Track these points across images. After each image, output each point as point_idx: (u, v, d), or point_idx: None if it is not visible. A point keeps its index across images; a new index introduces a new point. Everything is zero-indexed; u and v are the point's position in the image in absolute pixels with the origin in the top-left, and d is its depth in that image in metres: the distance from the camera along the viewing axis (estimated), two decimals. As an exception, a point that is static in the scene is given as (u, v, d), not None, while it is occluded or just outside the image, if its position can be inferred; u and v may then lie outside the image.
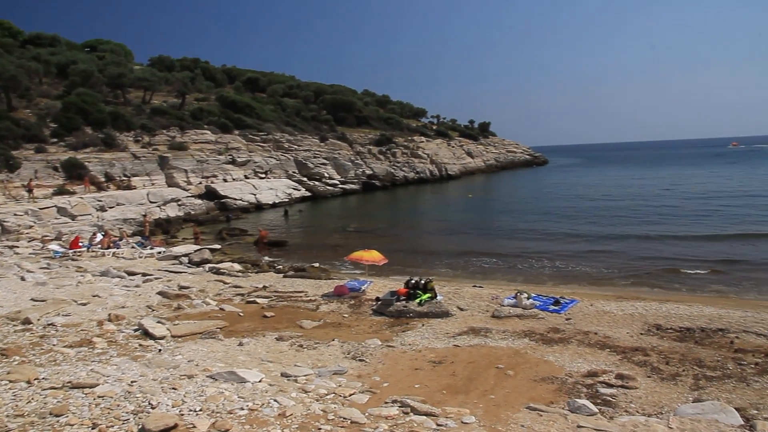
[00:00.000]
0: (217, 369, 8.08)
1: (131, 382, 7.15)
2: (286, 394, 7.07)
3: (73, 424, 5.66)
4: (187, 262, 20.95)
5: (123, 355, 8.89)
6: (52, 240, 24.08)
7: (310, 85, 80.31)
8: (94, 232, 24.82)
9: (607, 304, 14.35)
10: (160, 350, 9.45)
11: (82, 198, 30.46)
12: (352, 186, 56.22)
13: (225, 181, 44.14)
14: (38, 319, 10.95)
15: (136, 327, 10.94)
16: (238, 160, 47.07)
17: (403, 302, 13.90)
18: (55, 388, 6.71)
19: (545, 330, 12.00)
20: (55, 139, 36.82)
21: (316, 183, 52.46)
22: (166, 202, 36.12)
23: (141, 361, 8.58)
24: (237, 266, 20.21)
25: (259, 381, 7.60)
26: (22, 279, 15.84)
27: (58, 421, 5.72)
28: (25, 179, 30.63)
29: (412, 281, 14.79)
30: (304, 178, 51.85)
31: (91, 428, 5.62)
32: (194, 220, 34.81)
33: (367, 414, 6.42)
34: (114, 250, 22.63)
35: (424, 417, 6.42)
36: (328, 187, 53.11)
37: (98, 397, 6.43)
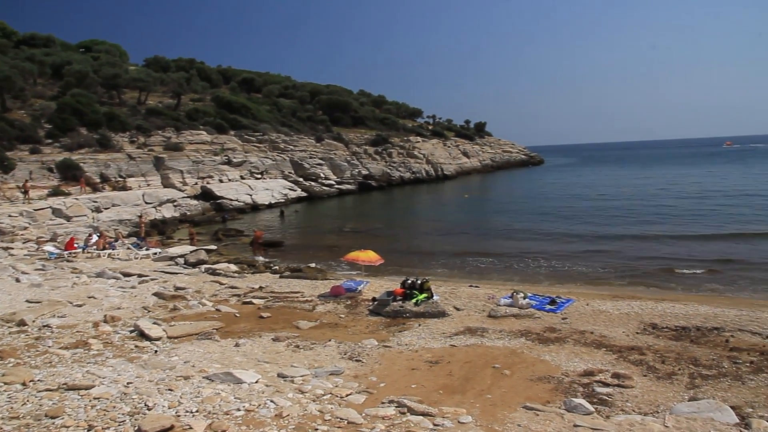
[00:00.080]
0: (213, 370, 8.06)
1: (127, 384, 7.12)
2: (283, 395, 7.06)
3: (68, 426, 5.64)
4: (183, 263, 20.88)
5: (119, 357, 8.86)
6: (47, 241, 23.97)
7: (305, 86, 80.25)
8: (89, 233, 24.74)
9: (603, 303, 14.38)
10: (156, 351, 9.43)
11: (77, 199, 30.37)
12: (348, 186, 56.20)
13: (221, 181, 44.08)
14: (33, 321, 10.90)
15: (132, 328, 10.90)
16: (234, 160, 47.01)
17: (400, 302, 13.91)
18: (51, 390, 6.68)
19: (541, 329, 12.02)
20: (50, 140, 36.72)
21: (312, 183, 52.41)
22: (161, 202, 36.04)
23: (137, 362, 8.56)
24: (233, 267, 20.17)
25: (256, 382, 7.59)
26: (17, 280, 15.76)
27: (53, 423, 5.69)
28: (20, 180, 30.52)
29: (409, 281, 14.79)
30: (300, 179, 51.80)
31: (87, 430, 5.59)
32: (190, 221, 34.74)
33: (363, 414, 6.42)
34: (109, 251, 22.55)
35: (421, 417, 6.42)
36: (324, 188, 53.07)
37: (94, 399, 6.41)
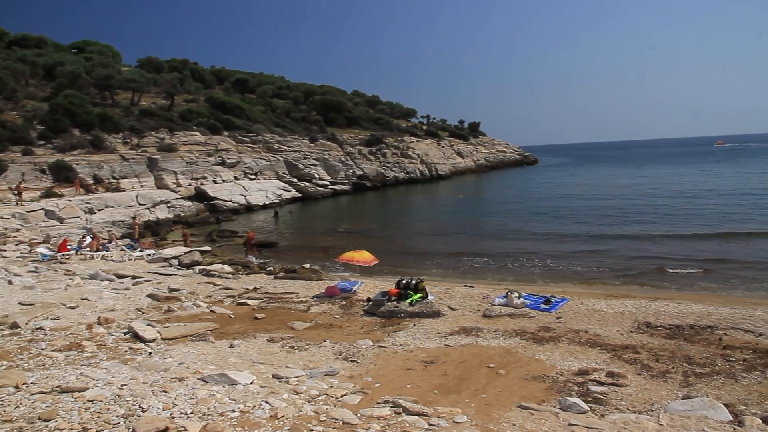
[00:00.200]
0: (208, 371, 8.04)
1: (121, 386, 7.08)
2: (278, 396, 7.05)
3: (62, 429, 5.60)
4: (177, 264, 20.82)
5: (113, 359, 8.81)
6: (40, 243, 23.83)
7: (299, 86, 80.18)
8: (83, 235, 24.65)
9: (598, 302, 14.42)
10: (151, 353, 9.39)
11: (70, 200, 30.22)
12: (343, 187, 56.18)
13: (215, 182, 43.99)
14: (26, 323, 10.83)
15: (126, 330, 10.85)
16: (228, 161, 46.91)
17: (395, 302, 13.89)
18: (44, 393, 6.63)
19: (536, 329, 12.05)
20: (43, 142, 36.56)
21: (306, 184, 52.37)
22: (155, 204, 35.92)
23: (131, 364, 8.52)
24: (227, 268, 20.13)
25: (251, 383, 7.56)
26: (10, 283, 15.66)
27: (47, 426, 5.65)
28: (12, 182, 30.37)
29: (403, 281, 14.79)
30: (294, 179, 51.75)
31: (81, 433, 5.57)
32: (184, 222, 34.65)
33: (359, 415, 6.41)
34: (103, 252, 22.46)
35: (416, 417, 6.42)
36: (318, 188, 53.03)
37: (88, 401, 6.37)
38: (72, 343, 9.62)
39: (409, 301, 13.91)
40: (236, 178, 46.37)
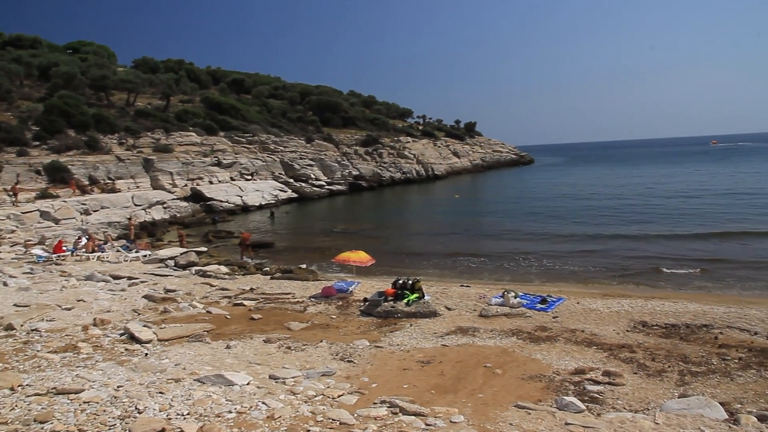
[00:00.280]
0: (204, 372, 8.02)
1: (117, 387, 7.07)
2: (275, 397, 7.04)
3: (58, 431, 5.59)
4: (173, 265, 20.77)
5: (109, 360, 8.79)
6: (36, 244, 23.74)
7: (295, 86, 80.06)
8: (78, 236, 24.55)
9: (594, 301, 14.46)
10: (147, 354, 9.37)
11: (65, 201, 30.11)
12: (339, 187, 56.12)
13: (211, 183, 43.89)
14: (21, 325, 10.79)
15: (122, 331, 10.82)
16: (224, 161, 46.81)
17: (391, 302, 13.91)
18: (40, 395, 6.61)
19: (532, 328, 12.07)
20: (38, 142, 36.39)
21: (303, 184, 52.30)
22: (151, 204, 35.81)
23: (127, 365, 8.49)
24: (224, 268, 20.09)
25: (247, 384, 7.55)
26: (5, 284, 15.58)
27: (42, 428, 5.64)
28: (7, 183, 30.23)
29: (400, 281, 14.80)
30: (291, 180, 51.68)
31: (77, 434, 5.55)
32: (180, 223, 34.58)
33: (355, 415, 6.41)
34: (99, 253, 22.39)
35: (413, 417, 6.42)
36: (314, 188, 52.97)
37: (84, 403, 6.35)
38: (68, 345, 9.60)
39: (405, 301, 13.92)
40: (232, 179, 46.27)
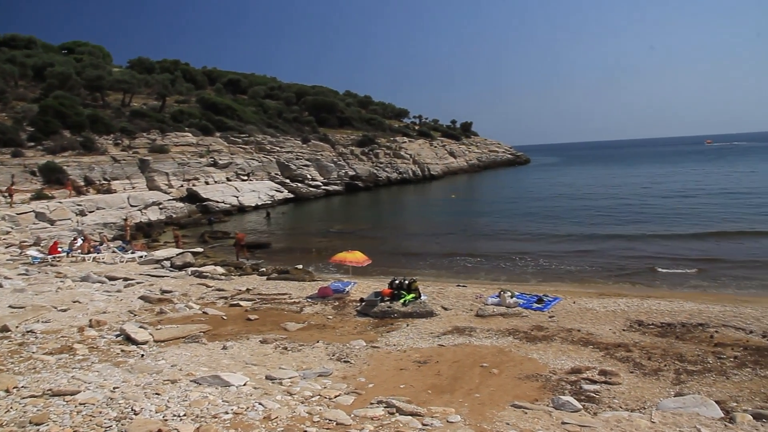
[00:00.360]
0: (200, 373, 8.00)
1: (113, 389, 7.04)
2: (271, 397, 7.03)
3: (53, 433, 5.57)
4: (170, 265, 20.73)
5: (105, 361, 8.76)
6: (31, 245, 23.64)
7: (291, 87, 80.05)
8: (74, 237, 24.47)
9: (590, 301, 14.48)
10: (143, 355, 9.33)
11: (61, 202, 30.01)
12: (335, 187, 56.15)
13: (207, 183, 43.84)
14: (17, 327, 10.74)
15: (118, 332, 10.78)
16: (220, 162, 46.75)
17: (388, 303, 13.89)
18: (35, 397, 6.58)
19: (529, 328, 12.08)
20: (33, 143, 36.27)
21: (299, 184, 52.29)
22: (147, 205, 35.75)
23: (123, 366, 8.46)
24: (220, 269, 20.07)
25: (244, 384, 7.54)
26: (0, 286, 15.54)
27: (38, 430, 5.61)
28: (2, 184, 30.11)
29: (396, 281, 14.79)
30: (287, 180, 51.66)
31: (73, 436, 5.53)
32: (176, 224, 34.53)
33: (352, 415, 6.40)
34: (94, 254, 22.32)
35: (410, 417, 6.42)
36: (310, 189, 52.97)
37: (80, 405, 6.32)
38: (63, 346, 9.56)
39: (402, 301, 13.91)
40: (228, 179, 46.22)
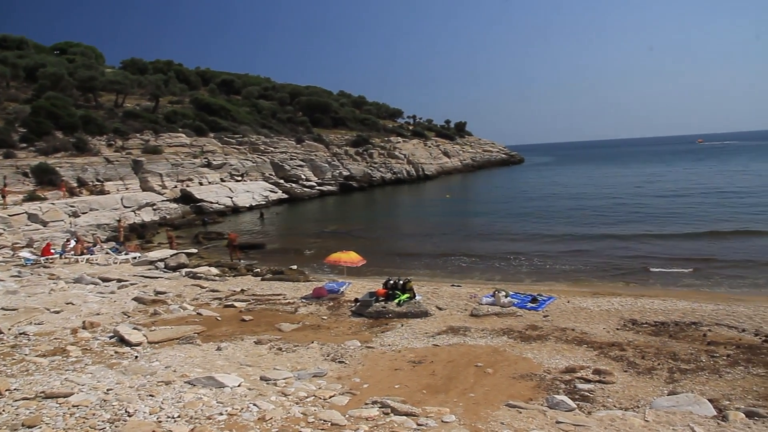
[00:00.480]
0: (195, 374, 7.98)
1: (107, 390, 7.01)
2: (266, 398, 7.02)
3: (46, 435, 5.54)
4: (164, 266, 20.66)
5: (98, 363, 8.72)
6: (23, 247, 23.53)
7: (285, 87, 79.84)
8: (67, 239, 24.34)
9: (584, 300, 14.54)
10: (137, 357, 9.30)
11: (53, 204, 29.84)
12: (329, 187, 56.08)
13: (201, 184, 43.70)
14: (9, 329, 10.68)
15: (112, 334, 10.74)
16: (214, 163, 46.60)
17: (382, 303, 13.90)
18: (28, 399, 6.54)
19: (523, 327, 12.11)
20: (25, 144, 36.03)
21: (293, 185, 52.20)
22: (140, 206, 35.58)
23: (117, 368, 8.43)
24: (214, 270, 20.02)
25: (238, 385, 7.52)
26: (-8, 287, 15.45)
27: (31, 432, 5.59)
28: (-5, 186, 29.93)
29: (391, 282, 14.79)
30: (281, 180, 51.56)
31: (66, 438, 5.50)
32: (170, 225, 34.40)
33: (347, 416, 6.40)
34: (88, 256, 22.22)
35: (405, 417, 6.42)
36: (305, 189, 52.88)
37: (73, 407, 6.29)
38: (56, 348, 9.51)
39: (396, 301, 13.92)
40: (222, 180, 46.09)
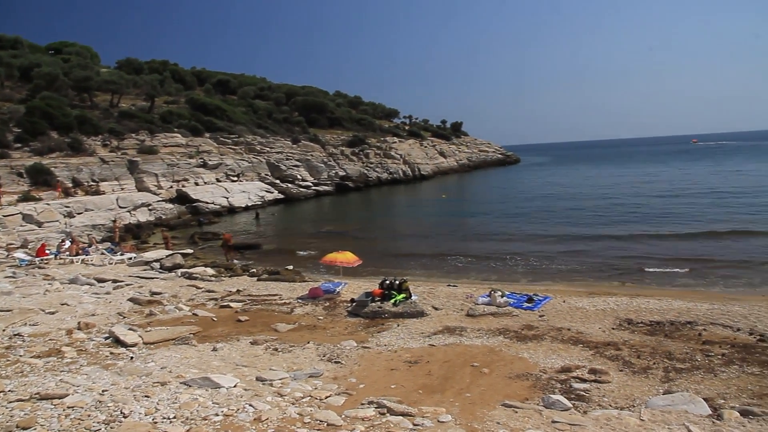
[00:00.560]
0: (190, 375, 7.96)
1: (102, 392, 6.99)
2: (262, 399, 7.01)
3: (41, 437, 5.52)
4: (159, 267, 20.60)
5: (93, 364, 8.69)
6: (18, 248, 23.43)
7: (281, 87, 79.74)
8: (62, 239, 24.25)
9: (580, 300, 14.56)
10: (132, 358, 9.27)
11: (48, 204, 29.71)
12: (325, 188, 56.07)
13: (196, 184, 43.59)
14: (3, 330, 10.65)
15: (107, 335, 10.71)
16: (210, 163, 46.50)
17: (378, 303, 13.90)
18: (23, 400, 6.52)
19: (519, 327, 12.13)
20: (19, 145, 35.86)
21: (289, 185, 52.16)
22: (136, 207, 35.49)
23: (112, 369, 8.40)
24: (210, 270, 19.98)
25: (234, 386, 7.51)
26: (-13, 289, 15.38)
27: (26, 434, 5.57)
28: (-11, 186, 29.78)
29: (387, 282, 14.79)
30: (277, 181, 51.51)
31: (61, 440, 5.48)
32: (165, 225, 34.31)
33: (343, 416, 6.40)
34: (83, 256, 22.15)
35: (401, 417, 6.42)
36: (301, 189, 52.84)
37: (68, 408, 6.27)
38: (51, 349, 9.47)
39: (392, 301, 13.92)
40: (218, 180, 46.00)
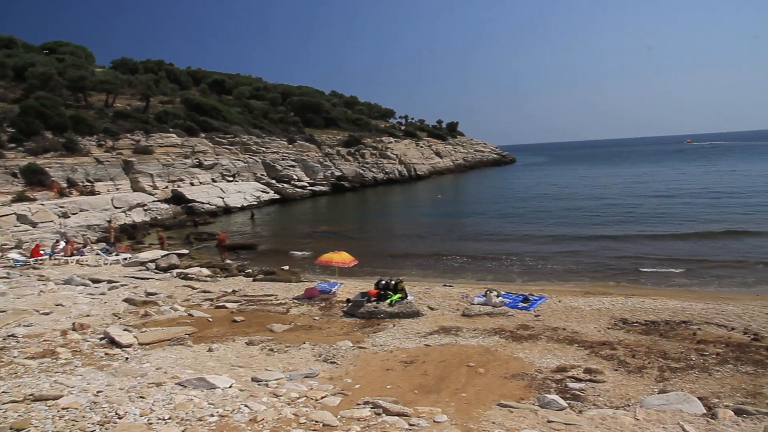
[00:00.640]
0: (186, 376, 7.95)
1: (97, 393, 6.96)
2: (257, 399, 7.00)
3: (36, 438, 5.50)
4: (154, 267, 20.56)
5: (88, 365, 8.66)
6: (12, 248, 23.34)
7: (277, 87, 79.65)
8: (57, 240, 24.17)
9: (575, 300, 14.59)
10: (127, 358, 9.25)
11: (43, 204, 29.60)
12: (321, 188, 56.01)
13: (192, 184, 43.48)
14: (-2, 331, 10.60)
15: (102, 335, 10.68)
16: (205, 163, 46.41)
17: (374, 303, 13.91)
18: (17, 402, 6.49)
19: (515, 327, 12.15)
20: (14, 145, 35.70)
21: (285, 185, 52.08)
22: (131, 207, 35.38)
23: (107, 370, 8.38)
24: (205, 271, 19.96)
25: (230, 386, 7.50)
26: (-19, 289, 15.32)
27: (20, 436, 5.54)
28: (-17, 186, 29.65)
29: (383, 282, 14.80)
30: (273, 181, 51.43)
31: (55, 441, 5.46)
32: (161, 225, 34.21)
33: (339, 416, 6.40)
34: (78, 257, 22.08)
35: (396, 417, 6.42)
36: (297, 189, 52.77)
37: (62, 409, 6.25)
38: (46, 350, 9.44)
39: (388, 301, 13.93)
40: (214, 180, 45.90)
